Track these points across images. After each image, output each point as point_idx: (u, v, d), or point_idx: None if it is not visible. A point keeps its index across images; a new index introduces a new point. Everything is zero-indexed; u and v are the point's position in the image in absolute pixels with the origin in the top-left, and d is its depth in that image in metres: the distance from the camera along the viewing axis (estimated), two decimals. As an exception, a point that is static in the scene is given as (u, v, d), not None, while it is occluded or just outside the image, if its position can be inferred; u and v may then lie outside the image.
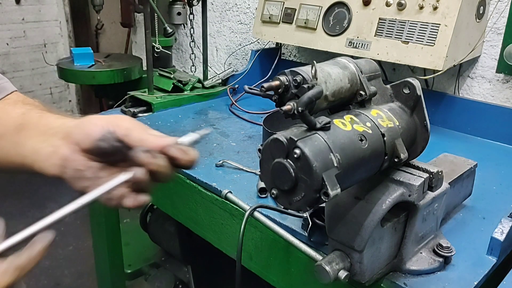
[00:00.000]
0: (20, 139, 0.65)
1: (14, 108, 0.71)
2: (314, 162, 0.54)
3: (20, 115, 0.68)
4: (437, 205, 0.79)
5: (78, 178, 0.58)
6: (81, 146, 0.58)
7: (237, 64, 2.16)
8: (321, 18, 1.47)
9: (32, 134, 0.65)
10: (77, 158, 0.58)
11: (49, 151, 0.61)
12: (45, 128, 0.64)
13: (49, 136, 0.62)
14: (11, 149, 0.66)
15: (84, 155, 0.58)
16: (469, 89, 1.47)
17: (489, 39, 1.39)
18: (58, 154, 0.60)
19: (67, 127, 0.61)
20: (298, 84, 0.57)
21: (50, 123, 0.64)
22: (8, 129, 0.67)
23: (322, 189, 0.54)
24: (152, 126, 1.59)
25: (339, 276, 0.69)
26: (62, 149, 0.59)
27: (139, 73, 2.20)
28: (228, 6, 2.14)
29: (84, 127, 0.58)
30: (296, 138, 0.55)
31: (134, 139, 0.56)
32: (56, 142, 0.61)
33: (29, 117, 0.67)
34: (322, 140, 0.56)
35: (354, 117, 0.63)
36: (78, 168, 0.58)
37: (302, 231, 0.87)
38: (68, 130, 0.60)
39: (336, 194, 0.54)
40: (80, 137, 0.58)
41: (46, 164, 0.61)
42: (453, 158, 0.99)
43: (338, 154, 0.56)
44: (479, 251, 0.83)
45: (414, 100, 0.70)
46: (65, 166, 0.59)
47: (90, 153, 0.58)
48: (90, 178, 0.58)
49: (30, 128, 0.66)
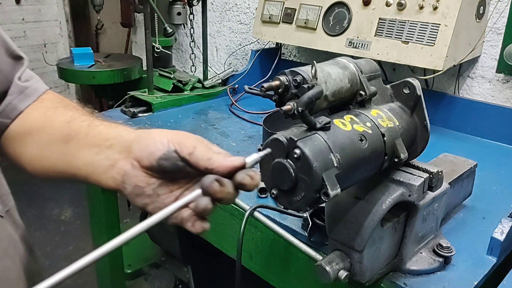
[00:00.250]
0: (69, 149, 0.64)
1: (56, 115, 0.69)
2: (314, 162, 0.54)
3: (65, 123, 0.67)
4: (437, 205, 0.79)
5: (137, 194, 0.57)
6: (142, 164, 0.56)
7: (237, 64, 2.16)
8: (321, 18, 1.47)
9: (83, 145, 0.63)
10: (138, 174, 0.56)
11: (107, 164, 0.59)
12: (97, 140, 0.62)
13: (104, 149, 0.60)
14: (59, 159, 0.65)
15: (145, 172, 0.56)
16: (469, 89, 1.47)
17: (489, 39, 1.39)
18: (116, 168, 0.58)
19: (124, 141, 0.59)
20: (298, 84, 0.57)
21: (102, 134, 0.62)
22: (54, 138, 0.65)
23: (322, 189, 0.54)
24: (152, 126, 1.58)
25: (339, 276, 0.69)
26: (121, 163, 0.58)
27: (139, 73, 2.20)
28: (228, 6, 2.14)
29: (146, 144, 0.56)
30: (296, 138, 0.55)
31: (200, 158, 0.54)
32: (113, 155, 0.59)
33: (76, 126, 0.65)
34: (322, 140, 0.56)
35: (354, 117, 0.63)
36: (139, 184, 0.56)
37: (302, 231, 0.87)
38: (127, 145, 0.58)
39: (336, 194, 0.54)
40: (142, 154, 0.56)
41: (103, 178, 0.60)
42: (453, 158, 0.99)
43: (338, 154, 0.56)
44: (479, 251, 0.83)
45: (414, 100, 0.70)
46: (125, 181, 0.57)
47: (151, 170, 0.56)
48: (150, 195, 0.56)
49: (79, 138, 0.64)
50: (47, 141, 0.65)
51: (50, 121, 0.68)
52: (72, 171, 0.63)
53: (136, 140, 0.58)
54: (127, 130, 0.61)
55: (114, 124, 0.64)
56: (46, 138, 0.66)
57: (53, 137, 0.65)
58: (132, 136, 0.59)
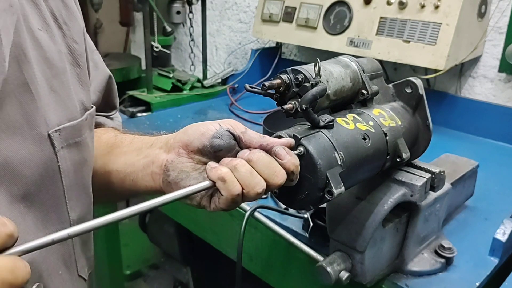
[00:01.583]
0: (111, 157, 0.64)
1: (106, 133, 0.70)
2: (319, 160, 0.53)
3: (112, 137, 0.68)
4: (439, 206, 0.79)
5: (182, 179, 0.56)
6: (192, 147, 0.56)
7: (237, 64, 2.15)
8: (322, 17, 1.46)
9: (126, 151, 0.63)
10: (184, 160, 0.56)
11: (146, 161, 0.59)
12: (139, 145, 0.62)
13: (145, 149, 0.61)
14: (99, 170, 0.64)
15: (191, 157, 0.56)
16: (470, 89, 1.47)
17: (491, 38, 1.38)
18: (156, 163, 0.58)
19: (165, 138, 0.60)
20: (299, 82, 0.56)
21: (146, 139, 0.63)
22: (98, 152, 0.65)
23: (326, 188, 0.53)
24: (151, 126, 1.57)
25: (341, 277, 0.69)
26: (163, 156, 0.57)
27: (138, 72, 2.19)
28: (227, 5, 2.13)
29: (196, 128, 0.56)
30: (300, 136, 0.54)
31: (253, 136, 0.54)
32: (154, 151, 0.59)
33: (121, 138, 0.66)
34: (326, 138, 0.55)
35: (356, 116, 0.62)
36: (185, 169, 0.56)
37: (303, 232, 0.86)
38: (168, 140, 0.58)
39: (340, 193, 0.53)
40: (191, 137, 0.56)
41: (141, 175, 0.59)
42: (455, 158, 0.98)
43: (342, 152, 0.55)
44: (481, 252, 0.82)
45: (416, 99, 0.69)
46: (169, 169, 0.56)
47: (201, 152, 0.55)
48: (196, 177, 0.55)
49: (123, 146, 0.64)
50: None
51: (98, 137, 0.68)
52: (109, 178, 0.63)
53: (180, 132, 0.58)
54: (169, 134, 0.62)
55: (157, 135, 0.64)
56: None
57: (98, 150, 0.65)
58: (173, 134, 0.59)
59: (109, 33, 2.78)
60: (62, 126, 0.50)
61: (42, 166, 0.48)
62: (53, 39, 0.51)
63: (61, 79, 0.52)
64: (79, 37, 0.57)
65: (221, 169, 0.51)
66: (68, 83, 0.53)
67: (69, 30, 0.55)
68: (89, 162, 0.58)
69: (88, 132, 0.57)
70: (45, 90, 0.49)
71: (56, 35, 0.52)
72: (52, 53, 0.51)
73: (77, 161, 0.54)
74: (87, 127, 0.57)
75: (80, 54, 0.56)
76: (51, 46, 0.51)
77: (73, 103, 0.54)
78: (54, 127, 0.49)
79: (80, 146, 0.55)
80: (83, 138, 0.55)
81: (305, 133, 0.55)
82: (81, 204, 0.56)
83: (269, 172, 0.52)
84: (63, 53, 0.53)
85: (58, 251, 0.53)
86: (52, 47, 0.51)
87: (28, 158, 0.47)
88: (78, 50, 0.56)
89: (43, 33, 0.50)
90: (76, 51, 0.55)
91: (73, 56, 0.55)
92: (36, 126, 0.47)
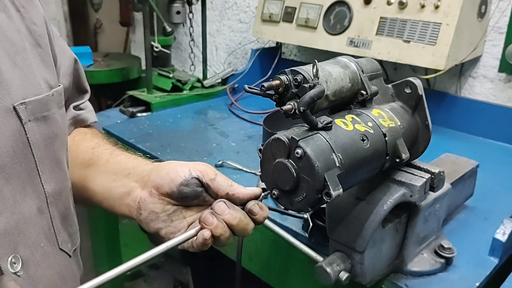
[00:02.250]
0: (89, 173, 0.68)
1: (83, 141, 0.73)
2: (316, 162, 0.53)
3: (89, 149, 0.71)
4: (439, 206, 0.79)
5: (152, 220, 0.60)
6: (162, 190, 0.60)
7: (236, 64, 2.15)
8: (322, 17, 1.46)
9: (102, 171, 0.67)
10: (154, 201, 0.60)
11: (122, 191, 0.63)
12: (116, 168, 0.66)
13: (122, 177, 0.64)
14: (77, 181, 0.68)
15: (161, 199, 0.60)
16: (470, 89, 1.47)
17: (491, 38, 1.38)
18: (132, 196, 0.62)
19: (142, 171, 0.63)
20: (298, 83, 0.56)
21: (122, 163, 0.66)
22: (76, 162, 0.69)
23: (324, 190, 0.53)
24: (151, 126, 1.57)
25: (340, 278, 0.69)
26: (137, 192, 0.62)
27: (138, 72, 2.19)
28: (227, 5, 2.13)
29: (167, 172, 0.60)
30: (297, 138, 0.54)
31: (221, 184, 0.59)
32: (130, 184, 0.63)
33: (98, 153, 0.69)
34: (324, 140, 0.55)
35: (355, 117, 0.62)
36: (154, 210, 0.60)
37: (303, 232, 0.86)
38: (144, 175, 0.62)
39: (338, 195, 0.53)
40: (162, 181, 0.59)
41: (118, 204, 0.64)
42: (455, 158, 0.98)
43: (340, 154, 0.55)
44: (480, 252, 0.82)
45: (416, 99, 0.69)
46: (141, 207, 0.61)
47: (170, 196, 0.60)
48: (164, 220, 0.60)
49: (100, 164, 0.68)
50: (70, 162, 0.68)
51: (77, 145, 0.72)
52: (88, 194, 0.67)
53: (155, 169, 0.62)
54: (145, 162, 0.66)
55: (134, 156, 0.69)
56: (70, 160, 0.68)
57: (76, 160, 0.69)
58: (149, 167, 0.63)
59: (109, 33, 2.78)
60: (27, 100, 0.53)
61: (11, 138, 0.51)
62: (11, 19, 0.54)
63: (22, 56, 0.54)
64: (38, 20, 0.59)
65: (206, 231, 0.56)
66: (30, 61, 0.56)
67: (27, 13, 0.57)
68: (60, 137, 0.60)
69: (56, 108, 0.59)
70: (8, 66, 0.51)
71: (13, 16, 0.55)
72: (11, 32, 0.53)
73: (46, 135, 0.56)
74: (55, 104, 0.59)
75: (40, 35, 0.59)
76: (10, 25, 0.54)
77: (36, 80, 0.56)
78: (19, 100, 0.52)
79: (49, 121, 0.57)
80: (51, 113, 0.57)
81: (303, 135, 0.55)
82: (55, 178, 0.58)
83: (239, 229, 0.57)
84: (22, 33, 0.56)
85: (38, 223, 0.55)
86: (10, 26, 0.54)
87: None
88: (38, 31, 0.58)
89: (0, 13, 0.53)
90: (36, 32, 0.58)
91: (33, 37, 0.58)
92: (0, 98, 0.50)
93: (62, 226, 0.60)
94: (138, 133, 1.37)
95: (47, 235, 0.57)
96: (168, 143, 1.30)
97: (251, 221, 0.58)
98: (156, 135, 1.37)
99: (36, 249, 0.54)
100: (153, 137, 1.35)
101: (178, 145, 1.29)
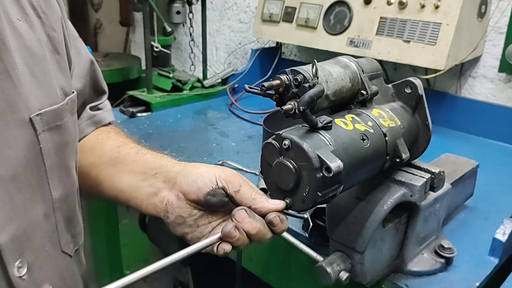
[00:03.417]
0: (115, 172, 0.68)
1: (108, 139, 0.74)
2: (303, 143, 0.53)
3: (115, 147, 0.71)
4: (439, 206, 0.79)
5: (178, 224, 0.61)
6: (188, 197, 0.60)
7: (237, 64, 2.15)
8: (322, 17, 1.46)
9: (130, 170, 0.67)
10: (182, 205, 0.60)
11: (150, 191, 0.63)
12: (143, 166, 0.66)
13: (149, 176, 0.64)
14: (104, 179, 0.69)
15: (188, 204, 0.60)
16: (470, 89, 1.47)
17: (491, 38, 1.38)
18: (159, 197, 0.62)
19: (169, 171, 0.63)
20: (299, 83, 0.56)
21: (149, 162, 0.66)
22: (102, 160, 0.70)
23: (322, 166, 0.53)
24: (151, 126, 1.57)
25: (340, 277, 0.69)
26: (165, 193, 0.62)
27: (138, 72, 2.19)
28: (227, 5, 2.13)
29: (194, 179, 0.60)
30: (281, 133, 0.55)
31: (245, 196, 0.58)
32: (157, 184, 0.63)
33: (125, 152, 0.70)
34: (324, 140, 0.55)
35: (355, 117, 0.62)
36: (182, 215, 0.60)
37: (303, 232, 0.86)
38: (171, 176, 0.62)
39: (338, 167, 0.52)
40: (189, 188, 0.60)
41: (145, 203, 0.64)
42: (455, 158, 0.98)
43: (340, 153, 0.55)
44: (481, 252, 0.82)
45: (416, 99, 0.69)
46: (168, 211, 0.61)
47: (197, 204, 0.60)
48: (190, 225, 0.61)
49: (127, 163, 0.68)
50: (96, 161, 0.69)
51: (102, 143, 0.73)
52: (115, 193, 0.68)
53: (182, 173, 0.61)
54: (172, 161, 0.66)
55: (160, 154, 0.69)
56: (96, 158, 0.70)
57: (103, 158, 0.70)
58: (176, 168, 0.63)
59: (109, 33, 2.78)
60: (43, 110, 0.53)
61: (25, 148, 0.51)
62: (32, 28, 0.54)
63: (41, 66, 0.54)
64: (57, 25, 0.59)
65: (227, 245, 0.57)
66: (48, 70, 0.56)
67: (47, 19, 0.57)
68: (70, 144, 0.60)
69: (69, 116, 0.59)
70: (26, 77, 0.51)
71: (35, 25, 0.55)
72: (32, 42, 0.53)
73: (58, 143, 0.56)
74: (68, 112, 0.59)
75: (59, 42, 0.59)
76: (31, 35, 0.53)
77: (53, 89, 0.56)
78: (36, 111, 0.52)
79: (61, 129, 0.57)
80: (64, 121, 0.58)
81: (302, 135, 0.55)
82: (63, 184, 0.58)
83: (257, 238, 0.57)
84: (43, 41, 0.56)
85: (43, 228, 0.55)
86: (31, 35, 0.54)
87: (12, 141, 0.49)
88: (57, 38, 0.58)
89: (22, 22, 0.53)
90: (55, 39, 0.58)
91: (52, 44, 0.57)
92: (18, 110, 0.50)
93: (66, 229, 0.60)
94: (138, 133, 1.37)
95: (51, 238, 0.57)
96: (168, 143, 1.30)
97: (269, 231, 0.57)
98: (156, 135, 1.37)
99: (40, 253, 0.55)
100: (153, 137, 1.35)
101: (178, 145, 1.29)
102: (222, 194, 0.59)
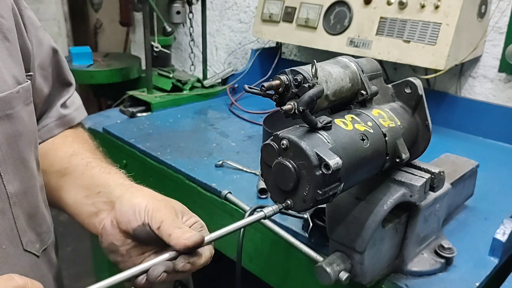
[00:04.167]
0: (63, 184, 0.68)
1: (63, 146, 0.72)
2: (301, 142, 0.54)
3: (67, 156, 0.70)
4: (439, 206, 0.79)
5: (112, 251, 0.60)
6: (120, 226, 0.59)
7: (237, 64, 2.15)
8: (322, 17, 1.46)
9: (77, 184, 0.67)
10: (115, 233, 0.60)
11: (91, 210, 0.63)
12: (89, 182, 0.66)
13: (93, 194, 0.64)
14: (53, 190, 0.68)
15: (121, 232, 0.60)
16: (470, 89, 1.47)
17: (491, 38, 1.38)
18: (98, 218, 0.62)
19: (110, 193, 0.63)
20: (298, 83, 0.56)
21: (95, 177, 0.66)
22: (53, 169, 0.69)
23: (321, 164, 0.53)
24: (151, 126, 1.56)
25: (340, 278, 0.69)
26: (103, 215, 0.62)
27: (138, 72, 2.19)
28: (227, 5, 2.13)
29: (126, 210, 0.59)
30: (279, 133, 0.55)
31: (163, 234, 0.56)
32: (99, 204, 0.63)
33: (75, 163, 0.69)
34: (324, 140, 0.55)
35: (355, 117, 0.62)
36: (114, 242, 0.60)
37: (303, 232, 0.86)
38: (112, 199, 0.62)
39: (336, 163, 0.52)
40: (121, 218, 0.59)
41: (87, 222, 0.64)
42: (455, 158, 0.98)
43: (340, 153, 0.55)
44: (481, 252, 0.82)
45: (416, 99, 0.69)
46: (103, 236, 0.61)
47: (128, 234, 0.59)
48: (123, 254, 0.60)
49: (75, 175, 0.67)
50: (48, 168, 0.68)
51: (56, 149, 0.72)
52: (62, 205, 0.68)
53: (120, 199, 0.60)
54: (116, 181, 0.65)
55: (109, 169, 0.67)
56: (47, 166, 0.68)
57: (54, 166, 0.69)
58: (117, 191, 0.62)
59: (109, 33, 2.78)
60: None
61: None
62: None
63: None
64: (6, 12, 0.58)
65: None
66: None
67: None
68: (25, 135, 0.58)
69: (21, 106, 0.57)
70: None
71: None
72: None
73: (10, 134, 0.55)
74: (21, 101, 0.57)
75: (8, 29, 0.57)
76: None
77: (2, 76, 0.54)
78: None
79: (12, 119, 0.55)
80: (15, 111, 0.56)
81: (300, 134, 0.55)
82: (20, 177, 0.57)
83: None
84: None
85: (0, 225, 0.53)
86: None
87: None
88: (6, 25, 0.57)
89: None
90: (4, 26, 0.56)
91: (1, 31, 0.56)
92: None
93: (28, 226, 0.59)
94: (138, 133, 1.37)
95: (9, 236, 0.55)
96: (168, 143, 1.30)
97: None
98: (156, 135, 1.37)
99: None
100: (153, 137, 1.35)
101: (178, 145, 1.29)
102: (146, 230, 0.57)
